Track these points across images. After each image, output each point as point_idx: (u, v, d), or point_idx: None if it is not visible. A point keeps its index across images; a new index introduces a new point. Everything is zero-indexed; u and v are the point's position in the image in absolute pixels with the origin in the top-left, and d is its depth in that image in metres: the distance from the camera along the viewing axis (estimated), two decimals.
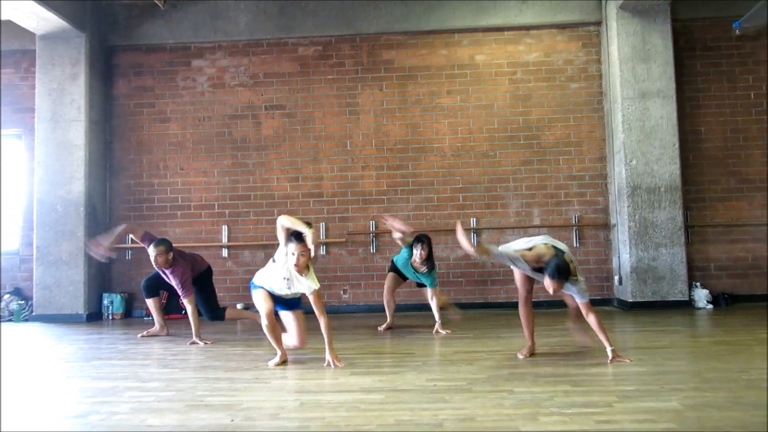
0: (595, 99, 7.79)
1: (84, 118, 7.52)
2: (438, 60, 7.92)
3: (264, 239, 7.80)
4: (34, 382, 3.95)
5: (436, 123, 7.86)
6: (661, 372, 3.73)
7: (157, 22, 8.01)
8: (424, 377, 3.74)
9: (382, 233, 7.75)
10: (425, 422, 2.81)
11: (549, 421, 2.78)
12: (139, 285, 7.86)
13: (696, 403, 3.00)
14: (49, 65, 7.56)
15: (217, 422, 2.90)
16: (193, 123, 8.03)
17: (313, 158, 7.92)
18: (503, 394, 3.29)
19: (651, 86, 7.22)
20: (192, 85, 8.08)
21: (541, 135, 7.78)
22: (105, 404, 3.29)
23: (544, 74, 7.84)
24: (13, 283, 7.88)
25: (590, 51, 7.84)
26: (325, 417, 2.94)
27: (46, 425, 2.96)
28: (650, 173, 7.16)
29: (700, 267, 7.50)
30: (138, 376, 4.02)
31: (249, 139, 7.97)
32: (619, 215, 7.33)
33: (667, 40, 7.26)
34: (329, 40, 8.00)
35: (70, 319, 7.30)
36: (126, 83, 8.13)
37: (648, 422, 2.73)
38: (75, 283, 7.38)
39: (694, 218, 7.53)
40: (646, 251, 7.09)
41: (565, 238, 7.60)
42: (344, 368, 4.10)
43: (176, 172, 7.99)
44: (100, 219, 7.78)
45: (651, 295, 7.05)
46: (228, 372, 4.11)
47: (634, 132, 7.19)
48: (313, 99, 7.98)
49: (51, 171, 7.48)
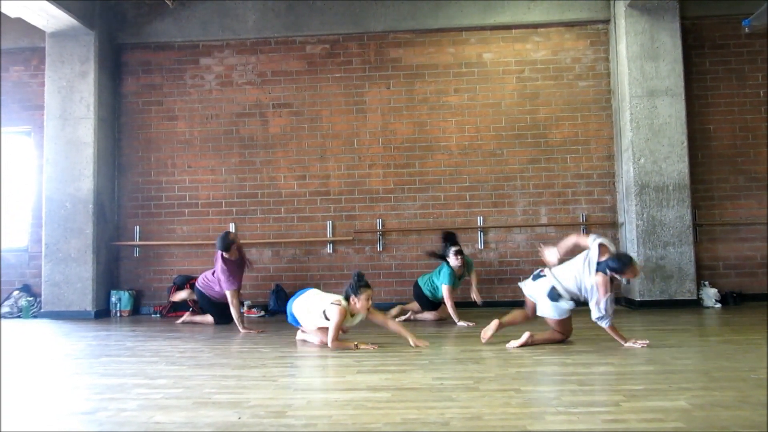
0: (603, 97, 7.76)
1: (93, 115, 7.56)
2: (445, 58, 7.91)
3: (271, 237, 7.82)
4: (43, 379, 3.98)
5: (443, 121, 7.85)
6: (668, 371, 3.71)
7: (165, 20, 8.04)
8: (430, 376, 3.74)
9: (389, 231, 7.76)
10: (432, 421, 2.80)
11: (556, 420, 2.77)
12: (147, 282, 7.95)
13: (704, 403, 2.98)
14: (58, 63, 7.60)
15: (225, 420, 2.90)
16: (200, 121, 8.06)
17: (320, 156, 7.93)
18: (510, 393, 3.28)
19: (659, 84, 7.18)
20: (200, 83, 8.10)
21: (548, 133, 7.76)
22: (113, 401, 3.31)
23: (552, 72, 7.81)
24: (22, 280, 7.93)
25: (598, 49, 7.81)
26: (332, 415, 2.94)
27: (55, 422, 2.98)
28: (658, 172, 7.12)
29: (709, 266, 7.47)
30: (146, 373, 4.04)
31: (256, 137, 7.99)
32: (627, 214, 7.30)
33: (676, 38, 7.22)
34: (337, 38, 8.00)
35: (79, 316, 7.34)
36: (134, 81, 8.17)
37: (656, 421, 2.71)
38: (83, 280, 7.42)
39: (703, 217, 7.49)
40: (654, 250, 7.06)
41: None
42: (351, 366, 4.11)
43: (184, 169, 8.02)
44: (108, 216, 7.82)
45: (659, 294, 7.03)
46: (235, 369, 4.12)
47: (643, 130, 7.16)
48: (320, 97, 7.99)
49: (60, 168, 7.52)
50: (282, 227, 7.86)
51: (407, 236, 7.75)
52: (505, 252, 7.70)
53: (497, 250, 7.68)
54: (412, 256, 7.63)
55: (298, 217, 7.81)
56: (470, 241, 7.65)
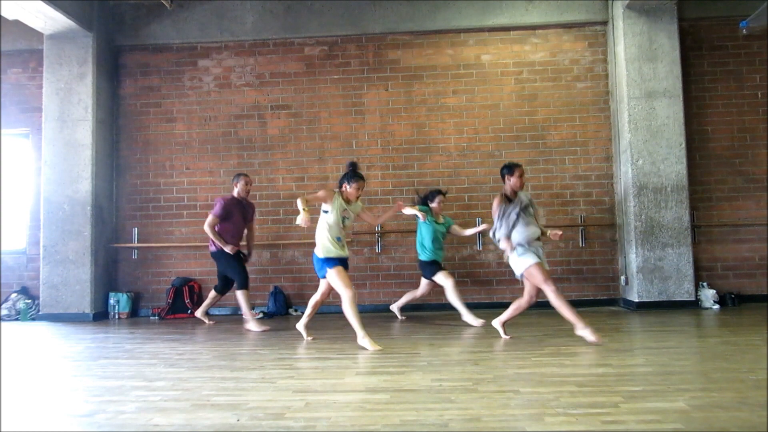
0: (602, 99, 7.77)
1: (91, 117, 7.55)
2: (444, 60, 7.92)
3: (270, 239, 7.82)
4: (41, 381, 3.97)
5: (442, 123, 7.85)
6: (667, 372, 3.72)
7: (163, 22, 8.03)
8: (429, 377, 3.74)
9: (387, 233, 7.76)
10: (431, 422, 2.80)
11: (555, 421, 2.77)
12: (145, 285, 7.94)
13: (703, 404, 2.99)
14: (56, 65, 7.60)
15: (223, 422, 2.90)
16: (199, 123, 8.05)
17: (318, 158, 7.93)
18: (509, 394, 3.28)
19: (657, 86, 7.20)
20: (198, 85, 8.10)
21: (546, 135, 7.76)
22: (111, 403, 3.30)
23: (550, 74, 7.82)
24: (20, 282, 7.92)
25: (596, 50, 7.82)
26: (331, 417, 2.94)
27: (53, 424, 2.97)
28: (657, 173, 7.13)
29: (707, 267, 7.47)
30: (144, 376, 4.04)
31: (255, 139, 7.99)
32: (625, 215, 7.31)
33: (674, 40, 7.24)
34: (335, 39, 8.00)
35: (77, 318, 7.33)
36: (133, 83, 8.16)
37: (654, 423, 2.72)
38: (81, 283, 7.41)
39: (701, 218, 7.50)
40: (652, 251, 7.07)
41: (571, 238, 7.60)
42: (350, 368, 4.11)
43: (182, 171, 8.02)
44: (106, 218, 7.81)
45: (657, 295, 7.03)
46: (234, 372, 4.11)
47: (641, 131, 7.17)
48: (318, 99, 7.99)
49: (58, 170, 7.51)
50: (280, 229, 7.86)
51: (406, 238, 7.74)
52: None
53: (495, 252, 7.67)
54: (411, 257, 7.61)
55: None
56: (469, 242, 7.65)
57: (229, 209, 6.51)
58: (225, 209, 6.48)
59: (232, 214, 6.53)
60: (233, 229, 6.57)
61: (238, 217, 6.60)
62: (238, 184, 6.63)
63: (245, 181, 6.67)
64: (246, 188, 6.67)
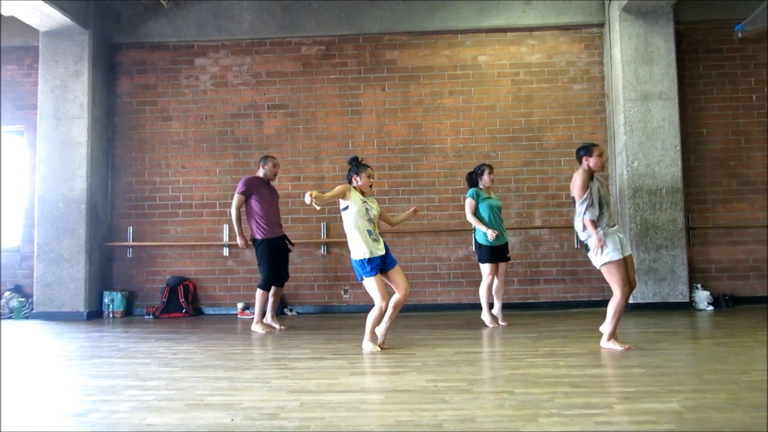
0: (597, 101, 7.78)
1: (86, 115, 7.53)
2: (440, 60, 7.92)
3: None
4: (35, 380, 3.96)
5: (438, 123, 7.86)
6: (661, 373, 3.72)
7: (160, 20, 8.01)
8: (424, 378, 3.74)
9: (383, 233, 7.73)
10: (425, 423, 2.80)
11: (549, 422, 2.78)
12: (140, 283, 7.90)
13: (696, 405, 2.99)
14: (52, 62, 7.57)
15: (217, 421, 2.90)
16: (195, 121, 8.03)
17: (315, 158, 7.92)
18: (503, 395, 3.29)
19: (653, 88, 7.22)
20: (195, 84, 8.08)
21: (542, 136, 7.77)
22: (105, 403, 3.29)
23: (547, 75, 7.83)
24: (14, 281, 7.88)
25: (593, 53, 7.83)
26: (325, 417, 2.94)
27: (47, 423, 2.96)
28: (652, 175, 7.15)
29: (701, 269, 7.50)
30: (138, 375, 4.03)
31: (251, 138, 7.98)
32: (621, 217, 7.32)
33: (670, 43, 7.26)
34: (332, 39, 8.00)
35: (71, 316, 7.30)
36: (129, 81, 8.14)
37: (648, 423, 2.72)
38: (76, 281, 7.38)
39: (696, 220, 7.53)
40: (647, 253, 7.09)
41: (566, 240, 7.61)
42: (344, 368, 4.10)
43: (178, 170, 8.00)
44: (101, 217, 7.78)
45: (652, 297, 7.05)
46: (228, 371, 4.11)
47: (636, 134, 7.19)
48: (315, 98, 7.98)
49: (53, 168, 7.49)
50: None
51: (401, 238, 7.74)
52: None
53: None
54: (407, 258, 7.61)
55: (293, 219, 7.78)
56: (464, 243, 7.66)
57: (256, 188, 6.06)
58: (248, 185, 6.03)
59: (261, 195, 6.06)
60: (269, 210, 6.06)
61: (269, 198, 6.11)
62: (266, 165, 6.17)
63: (273, 163, 6.20)
64: (274, 170, 6.20)
